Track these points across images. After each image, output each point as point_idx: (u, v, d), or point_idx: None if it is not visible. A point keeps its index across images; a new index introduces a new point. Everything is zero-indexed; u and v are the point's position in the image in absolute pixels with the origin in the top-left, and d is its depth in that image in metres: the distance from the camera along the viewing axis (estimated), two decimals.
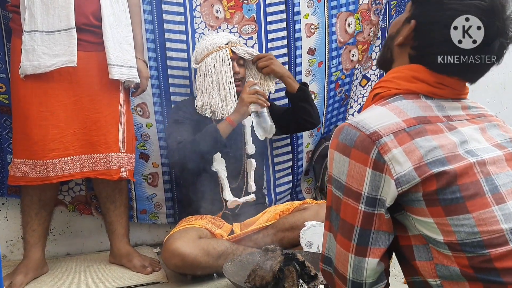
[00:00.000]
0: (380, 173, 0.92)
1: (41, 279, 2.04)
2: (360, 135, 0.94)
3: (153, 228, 2.56)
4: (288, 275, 1.62)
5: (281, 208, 2.17)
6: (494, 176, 0.94)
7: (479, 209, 0.90)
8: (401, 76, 1.03)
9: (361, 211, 0.95)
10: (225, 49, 2.17)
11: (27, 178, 1.90)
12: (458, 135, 0.97)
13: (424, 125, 0.95)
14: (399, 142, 0.92)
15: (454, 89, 1.04)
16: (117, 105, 2.02)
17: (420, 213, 0.92)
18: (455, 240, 0.89)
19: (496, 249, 0.88)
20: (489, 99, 3.24)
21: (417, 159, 0.91)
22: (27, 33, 1.82)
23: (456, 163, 0.92)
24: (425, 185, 0.90)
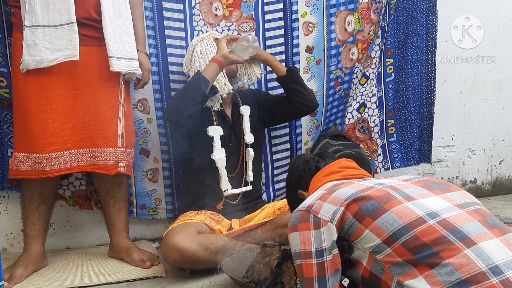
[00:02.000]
0: (319, 229, 1.22)
1: (41, 272, 2.03)
2: (300, 213, 1.28)
3: (152, 222, 2.55)
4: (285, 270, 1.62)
5: (279, 205, 2.17)
6: (402, 190, 1.22)
7: (395, 206, 1.16)
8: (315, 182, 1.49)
9: (315, 264, 1.22)
10: (208, 38, 2.23)
11: (26, 172, 1.89)
12: (368, 181, 1.30)
13: (339, 184, 1.31)
14: (323, 200, 1.26)
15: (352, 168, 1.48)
16: (117, 100, 2.00)
17: (359, 232, 1.18)
18: (387, 234, 1.13)
19: (418, 228, 1.10)
20: (486, 99, 3.24)
21: (337, 201, 1.22)
22: (28, 28, 1.80)
23: (368, 191, 1.22)
24: (349, 209, 1.20)
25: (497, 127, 3.30)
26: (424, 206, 1.15)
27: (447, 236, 1.07)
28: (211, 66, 2.08)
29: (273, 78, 2.45)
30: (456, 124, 3.20)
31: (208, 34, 2.26)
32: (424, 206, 1.15)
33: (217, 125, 2.18)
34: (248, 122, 2.24)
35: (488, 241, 1.07)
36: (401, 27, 2.76)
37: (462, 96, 3.18)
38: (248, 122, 2.24)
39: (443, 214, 1.12)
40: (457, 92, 3.16)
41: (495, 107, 3.26)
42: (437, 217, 1.12)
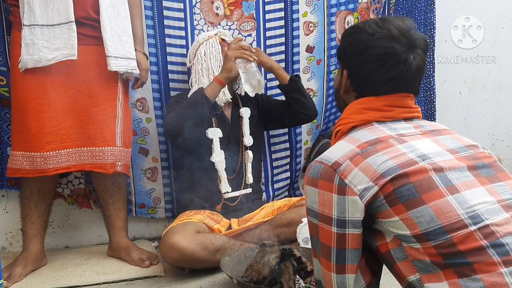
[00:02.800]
0: (344, 196, 1.04)
1: (40, 271, 2.03)
2: (324, 167, 1.08)
3: (151, 222, 2.55)
4: (284, 270, 1.62)
5: (278, 204, 2.17)
6: (446, 172, 1.02)
7: (435, 199, 0.98)
8: (353, 111, 1.18)
9: (335, 233, 1.06)
10: (214, 38, 2.21)
11: (24, 170, 1.89)
12: (409, 146, 1.07)
13: (375, 145, 1.07)
14: (354, 164, 1.05)
15: (403, 107, 1.17)
16: (115, 100, 2.00)
17: (387, 215, 1.01)
18: (419, 230, 0.97)
19: (457, 233, 0.95)
20: (486, 99, 3.23)
21: (372, 174, 1.02)
22: (26, 27, 1.80)
23: (408, 167, 1.02)
24: (383, 190, 1.01)
25: (497, 127, 3.29)
26: (468, 203, 0.98)
27: (486, 248, 0.94)
28: (214, 87, 2.07)
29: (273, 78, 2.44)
30: (455, 125, 3.19)
31: (216, 33, 2.24)
32: (468, 203, 0.98)
33: (216, 127, 2.17)
34: (248, 125, 2.23)
35: None
36: None
37: (462, 97, 3.17)
38: (247, 124, 2.23)
39: (488, 219, 0.97)
40: (456, 92, 3.16)
41: (494, 107, 3.25)
42: (481, 222, 0.96)
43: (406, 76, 1.14)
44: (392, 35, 1.13)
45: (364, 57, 1.16)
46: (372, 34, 1.14)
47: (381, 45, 1.13)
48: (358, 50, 1.17)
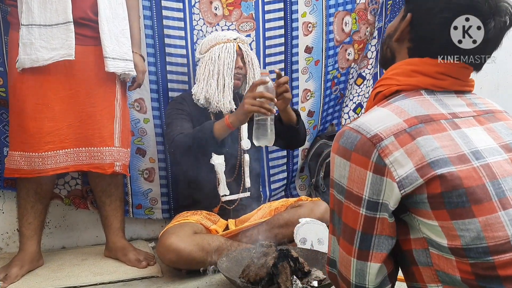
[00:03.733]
0: (381, 177, 0.89)
1: (36, 271, 2.02)
2: (361, 139, 0.92)
3: (148, 222, 2.55)
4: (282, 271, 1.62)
5: (276, 205, 2.17)
6: (500, 179, 0.90)
7: (486, 214, 0.86)
8: (400, 72, 1.02)
9: (362, 215, 0.92)
10: (233, 43, 2.14)
11: (22, 171, 1.88)
12: (462, 134, 0.93)
13: (426, 124, 0.92)
14: (400, 144, 0.89)
15: (457, 79, 1.01)
16: (113, 100, 2.00)
17: (425, 215, 0.89)
18: (460, 245, 0.86)
19: (501, 256, 0.85)
20: None
21: (418, 160, 0.88)
22: (24, 27, 1.80)
23: (460, 165, 0.88)
24: (429, 187, 0.87)
25: None
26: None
27: None
28: (224, 130, 1.95)
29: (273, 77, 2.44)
30: None
31: (236, 38, 2.15)
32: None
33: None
34: (246, 128, 2.21)
35: None
36: None
37: None
38: (246, 127, 2.21)
39: None
40: None
41: None
42: None
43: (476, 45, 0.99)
44: None
45: (442, 3, 0.98)
46: None
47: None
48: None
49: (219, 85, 2.12)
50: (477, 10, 0.95)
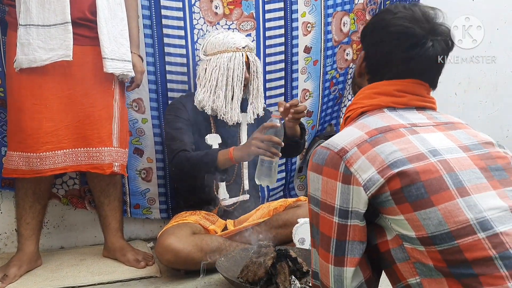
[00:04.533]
0: (348, 185, 0.99)
1: (34, 272, 2.03)
2: (330, 153, 1.03)
3: (147, 222, 2.55)
4: (280, 271, 1.63)
5: (274, 205, 2.18)
6: (458, 172, 0.97)
7: (444, 201, 0.94)
8: (364, 96, 1.14)
9: (336, 223, 1.01)
10: (242, 52, 2.11)
11: (21, 171, 1.89)
12: (420, 138, 1.02)
13: (385, 133, 1.02)
14: (362, 152, 1.00)
15: (416, 95, 1.12)
16: (111, 100, 2.01)
17: (392, 212, 0.97)
18: (425, 233, 0.93)
19: (464, 239, 0.91)
20: (481, 100, 3.26)
21: (379, 164, 0.97)
22: (22, 27, 1.80)
23: (417, 162, 0.97)
24: (390, 185, 0.96)
25: (492, 128, 3.31)
26: (478, 208, 0.94)
27: (494, 259, 0.89)
28: (227, 162, 1.95)
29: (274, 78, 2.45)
30: None
31: (244, 46, 2.12)
32: (478, 208, 0.94)
33: (215, 133, 2.17)
34: (246, 130, 2.21)
35: None
36: None
37: (457, 98, 3.20)
38: (245, 130, 2.21)
39: (498, 227, 0.92)
40: (451, 93, 3.18)
41: (490, 108, 3.28)
42: (490, 229, 0.91)
43: (421, 61, 1.10)
44: (414, 16, 1.09)
45: (382, 35, 1.12)
46: (395, 13, 1.11)
47: (401, 24, 1.09)
48: (378, 27, 1.14)
49: (227, 96, 2.10)
50: (413, 34, 1.08)
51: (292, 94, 2.54)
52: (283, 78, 2.51)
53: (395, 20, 1.10)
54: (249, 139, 1.90)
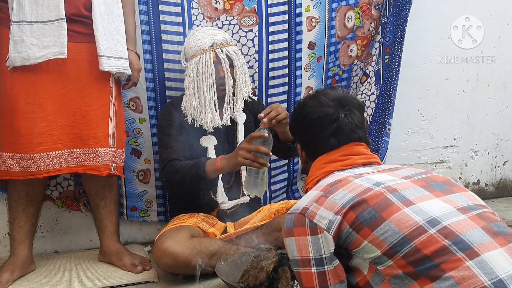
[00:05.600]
0: (317, 235, 1.18)
1: (28, 277, 2.03)
2: (295, 216, 1.24)
3: (144, 226, 2.55)
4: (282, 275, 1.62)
5: (276, 207, 2.17)
6: (400, 191, 1.18)
7: (393, 214, 1.13)
8: (316, 168, 1.41)
9: (315, 273, 1.19)
10: (209, 52, 2.07)
11: (14, 173, 1.89)
12: (365, 179, 1.24)
13: (336, 185, 1.25)
14: (319, 204, 1.21)
15: (359, 154, 1.38)
16: (108, 99, 2.00)
17: (358, 242, 1.15)
18: (387, 246, 1.10)
19: (419, 239, 1.07)
20: (490, 98, 3.25)
21: (334, 208, 1.18)
22: (15, 24, 1.80)
23: (364, 194, 1.18)
24: (346, 218, 1.16)
25: (501, 127, 3.31)
26: (424, 211, 1.12)
27: (448, 247, 1.05)
28: (215, 173, 1.98)
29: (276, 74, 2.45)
30: (458, 124, 3.21)
31: (212, 45, 2.07)
32: (424, 211, 1.12)
33: (210, 134, 2.16)
34: (243, 131, 2.20)
35: (492, 251, 1.04)
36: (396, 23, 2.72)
37: (465, 95, 3.19)
38: (242, 130, 2.20)
39: (444, 221, 1.09)
40: (459, 91, 3.18)
41: (499, 106, 3.28)
42: (438, 224, 1.09)
43: (344, 130, 1.38)
44: (321, 102, 1.41)
45: (304, 125, 1.44)
46: (305, 105, 1.44)
47: (313, 111, 1.40)
48: (299, 120, 1.47)
49: (201, 102, 2.08)
50: (326, 114, 1.39)
51: (295, 92, 2.54)
52: (286, 75, 2.50)
53: (308, 110, 1.42)
54: (236, 149, 1.91)
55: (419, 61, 3.03)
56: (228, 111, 2.14)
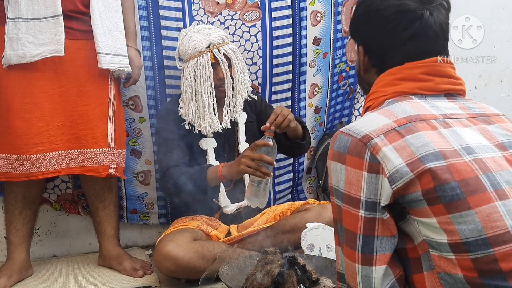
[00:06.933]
0: (377, 175, 0.96)
1: (25, 282, 2.03)
2: (352, 140, 0.99)
3: (145, 229, 2.56)
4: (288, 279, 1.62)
5: (281, 209, 2.17)
6: (495, 173, 0.95)
7: (482, 204, 0.91)
8: (385, 83, 1.10)
9: (362, 217, 0.97)
10: (206, 53, 2.05)
11: (10, 174, 1.89)
12: (453, 133, 0.99)
13: (415, 122, 0.99)
14: (389, 141, 0.96)
15: (444, 76, 1.09)
16: (106, 98, 2.01)
17: (423, 213, 0.94)
18: (459, 239, 0.90)
19: (501, 247, 0.88)
20: (503, 94, 3.23)
21: (408, 155, 0.94)
22: (11, 21, 1.81)
23: (451, 159, 0.94)
24: (421, 182, 0.92)
25: None
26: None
27: None
28: (216, 181, 1.98)
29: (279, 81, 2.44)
30: None
31: (208, 45, 2.05)
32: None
33: (209, 136, 2.16)
34: (244, 131, 2.20)
35: None
36: None
37: (477, 92, 3.17)
38: (243, 130, 2.20)
39: None
40: (471, 87, 3.16)
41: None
42: None
43: (427, 34, 1.08)
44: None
45: (376, 22, 1.11)
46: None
47: (391, 4, 1.08)
48: (369, 17, 1.13)
49: (199, 106, 2.07)
50: (407, 10, 1.07)
51: (299, 89, 2.53)
52: (290, 72, 2.49)
53: (384, 2, 1.10)
54: (239, 157, 1.90)
55: None
56: (228, 114, 2.14)
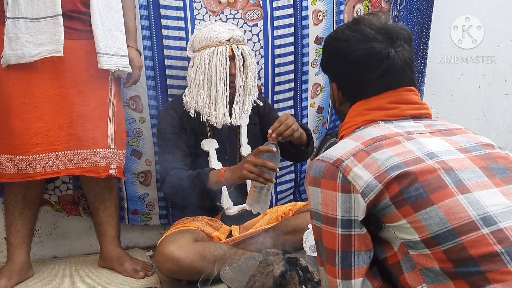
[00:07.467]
0: (349, 194, 1.04)
1: (26, 283, 2.03)
2: (326, 165, 1.09)
3: (145, 229, 2.56)
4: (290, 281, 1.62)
5: (283, 210, 2.17)
6: (457, 171, 1.03)
7: (444, 199, 0.99)
8: (355, 114, 1.21)
9: (339, 235, 1.06)
10: (225, 45, 2.06)
11: (9, 175, 1.90)
12: (416, 143, 1.08)
13: (381, 141, 1.09)
14: (358, 160, 1.06)
15: (409, 103, 1.19)
16: (106, 98, 2.01)
17: (394, 218, 1.02)
18: (428, 234, 0.97)
19: (468, 236, 0.95)
20: (507, 93, 3.23)
21: (375, 169, 1.03)
22: (10, 20, 1.81)
23: (415, 165, 1.02)
24: (388, 190, 1.01)
25: None
26: (480, 204, 0.98)
27: (500, 254, 0.92)
28: (219, 184, 1.97)
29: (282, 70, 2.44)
30: (474, 121, 3.19)
31: (229, 39, 2.06)
32: (480, 204, 0.98)
33: (211, 137, 2.16)
34: (246, 133, 2.19)
35: None
36: (415, 16, 2.73)
37: (481, 91, 3.17)
38: (245, 132, 2.19)
39: (502, 222, 0.96)
40: (475, 87, 3.16)
41: None
42: (493, 225, 0.95)
43: (394, 71, 1.18)
44: (366, 35, 1.18)
45: (346, 65, 1.21)
46: (347, 40, 1.19)
47: (358, 48, 1.18)
48: (338, 59, 1.23)
49: (211, 95, 2.07)
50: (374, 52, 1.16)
51: (301, 89, 2.53)
52: (292, 71, 2.49)
53: (351, 47, 1.19)
54: (242, 162, 1.90)
55: (432, 55, 3.02)
56: (237, 110, 2.12)
